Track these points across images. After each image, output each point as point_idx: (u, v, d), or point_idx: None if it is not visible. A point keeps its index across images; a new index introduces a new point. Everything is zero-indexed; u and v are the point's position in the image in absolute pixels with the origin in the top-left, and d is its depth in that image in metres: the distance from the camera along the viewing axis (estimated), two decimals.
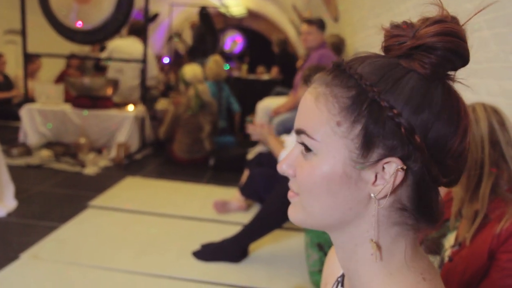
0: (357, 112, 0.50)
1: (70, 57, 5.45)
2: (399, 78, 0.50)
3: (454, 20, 0.50)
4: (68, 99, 4.38)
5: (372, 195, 0.52)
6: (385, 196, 0.51)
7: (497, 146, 1.27)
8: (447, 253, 1.44)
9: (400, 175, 0.50)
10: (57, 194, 3.11)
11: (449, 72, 0.52)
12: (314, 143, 0.53)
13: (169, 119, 4.11)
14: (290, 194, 0.59)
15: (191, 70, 4.16)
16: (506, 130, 1.28)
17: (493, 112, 1.29)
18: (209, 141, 4.18)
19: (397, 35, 0.51)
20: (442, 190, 1.72)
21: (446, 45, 0.48)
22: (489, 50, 1.73)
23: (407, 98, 0.49)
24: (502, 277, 1.23)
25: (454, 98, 0.51)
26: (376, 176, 0.51)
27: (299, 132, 0.55)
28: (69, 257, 2.20)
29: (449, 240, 1.49)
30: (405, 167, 0.50)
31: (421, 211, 0.53)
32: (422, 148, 0.49)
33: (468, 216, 1.35)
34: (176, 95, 4.87)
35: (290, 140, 2.84)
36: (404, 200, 0.52)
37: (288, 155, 0.58)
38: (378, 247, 0.54)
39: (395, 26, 0.52)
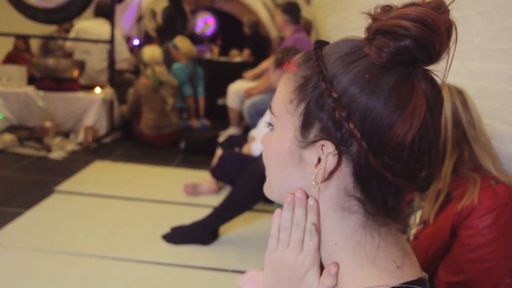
0: (304, 91, 0.51)
1: (19, 37, 5.20)
2: (350, 62, 0.48)
3: (437, 5, 0.45)
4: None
5: (313, 177, 0.51)
6: (323, 180, 0.50)
7: (460, 126, 1.30)
8: (413, 231, 1.47)
9: (332, 159, 0.49)
10: (21, 180, 3.01)
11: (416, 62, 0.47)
12: (274, 118, 0.56)
13: (131, 98, 4.15)
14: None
15: (149, 52, 4.21)
16: (469, 111, 1.31)
17: (457, 93, 1.32)
18: (175, 114, 4.21)
19: (374, 18, 0.49)
20: None
21: (410, 33, 0.44)
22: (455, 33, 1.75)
23: (349, 84, 0.47)
24: (463, 252, 1.27)
25: (406, 91, 0.46)
26: (319, 159, 0.50)
27: (269, 108, 0.57)
28: (34, 243, 2.14)
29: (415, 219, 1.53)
30: (336, 152, 0.49)
31: (374, 204, 0.51)
32: (356, 135, 0.46)
33: (431, 195, 1.38)
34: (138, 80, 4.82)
35: (261, 127, 2.84)
36: (350, 189, 0.51)
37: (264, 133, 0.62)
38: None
39: (375, 9, 0.49)
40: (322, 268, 0.56)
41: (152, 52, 4.21)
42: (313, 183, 0.50)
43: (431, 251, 1.35)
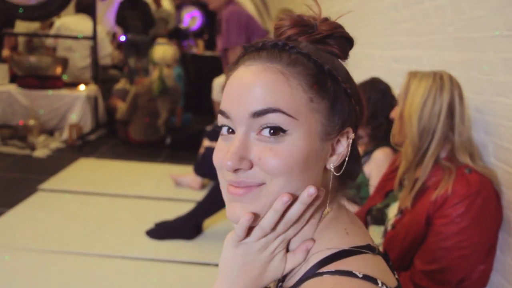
0: (324, 88, 0.53)
1: (5, 34, 5.08)
2: (331, 59, 0.57)
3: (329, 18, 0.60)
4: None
5: (331, 165, 0.56)
6: (339, 166, 0.56)
7: (452, 119, 1.30)
8: (391, 222, 1.49)
9: (350, 143, 0.56)
10: (4, 179, 2.98)
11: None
12: (292, 121, 0.51)
13: (130, 99, 3.92)
14: (240, 191, 0.53)
15: (161, 51, 3.97)
16: (463, 104, 1.31)
17: (457, 85, 1.31)
18: (164, 126, 4.05)
19: (302, 25, 0.57)
20: (386, 161, 1.75)
21: (342, 34, 0.59)
22: (430, 22, 1.76)
23: (346, 76, 0.57)
24: (437, 241, 1.28)
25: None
26: (332, 147, 0.56)
27: (268, 111, 0.50)
28: (17, 242, 2.13)
29: (393, 210, 1.54)
30: (354, 136, 0.56)
31: (354, 167, 0.60)
32: (359, 116, 0.58)
33: (409, 183, 1.39)
34: (140, 78, 4.61)
35: None
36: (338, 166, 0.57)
37: (235, 148, 0.52)
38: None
39: (294, 16, 0.58)
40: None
41: (163, 51, 3.96)
42: (332, 171, 0.56)
43: (407, 240, 1.37)
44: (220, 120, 0.56)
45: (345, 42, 0.59)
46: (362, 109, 0.59)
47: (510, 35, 1.21)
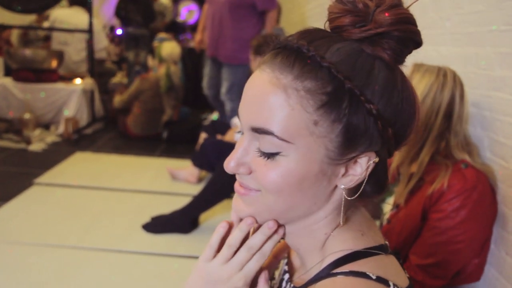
0: (336, 110, 0.47)
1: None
2: (370, 69, 0.47)
3: (402, 3, 0.50)
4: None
5: (342, 186, 0.52)
6: (356, 187, 0.52)
7: (449, 118, 1.30)
8: (386, 216, 1.49)
9: (372, 166, 0.51)
10: None
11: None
12: (286, 144, 0.48)
13: (131, 91, 3.92)
14: (241, 191, 0.54)
15: (169, 48, 3.97)
16: (463, 105, 1.30)
17: (460, 85, 1.30)
18: (165, 123, 4.08)
19: (353, 15, 0.48)
20: None
21: (405, 34, 0.48)
22: (428, 17, 1.75)
23: (382, 91, 0.48)
24: (432, 235, 1.29)
25: (410, 87, 0.52)
26: (346, 168, 0.52)
27: (261, 131, 0.49)
28: (12, 236, 2.12)
29: (388, 205, 1.54)
30: (377, 160, 0.51)
31: (375, 188, 0.55)
32: (392, 139, 0.50)
33: (404, 178, 1.39)
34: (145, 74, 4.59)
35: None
36: (365, 185, 0.54)
37: (236, 152, 0.53)
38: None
39: (347, 3, 0.49)
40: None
41: (171, 48, 3.97)
42: (344, 192, 0.53)
43: (403, 235, 1.37)
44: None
45: (405, 44, 0.49)
46: (401, 130, 0.51)
47: (508, 30, 1.21)
